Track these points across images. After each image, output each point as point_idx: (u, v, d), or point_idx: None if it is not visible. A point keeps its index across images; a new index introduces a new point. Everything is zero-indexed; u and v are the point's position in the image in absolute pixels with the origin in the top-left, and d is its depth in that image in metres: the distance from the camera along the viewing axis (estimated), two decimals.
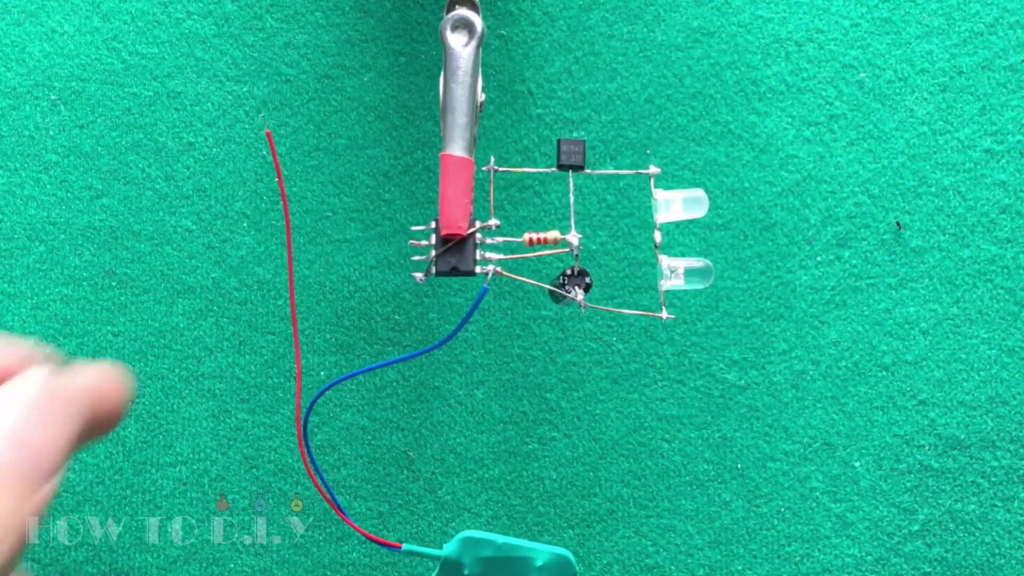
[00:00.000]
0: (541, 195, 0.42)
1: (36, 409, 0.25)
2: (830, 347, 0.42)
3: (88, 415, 0.27)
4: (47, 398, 0.26)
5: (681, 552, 0.41)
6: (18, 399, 0.25)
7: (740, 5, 0.43)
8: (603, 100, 0.42)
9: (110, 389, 0.31)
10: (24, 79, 0.42)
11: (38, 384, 0.26)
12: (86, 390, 0.27)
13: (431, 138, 0.42)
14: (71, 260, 0.42)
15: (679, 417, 0.42)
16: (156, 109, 0.42)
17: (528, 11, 0.43)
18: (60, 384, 0.26)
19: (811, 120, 0.42)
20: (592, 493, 0.41)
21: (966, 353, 0.42)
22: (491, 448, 0.42)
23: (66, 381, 0.27)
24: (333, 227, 0.42)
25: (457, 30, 0.33)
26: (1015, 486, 0.41)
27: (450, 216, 0.32)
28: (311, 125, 0.42)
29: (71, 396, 0.26)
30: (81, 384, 0.27)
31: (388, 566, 0.41)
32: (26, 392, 0.26)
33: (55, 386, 0.26)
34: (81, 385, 0.27)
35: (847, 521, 0.41)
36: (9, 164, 0.42)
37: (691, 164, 0.42)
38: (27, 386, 0.26)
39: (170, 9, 0.43)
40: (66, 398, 0.26)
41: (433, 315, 0.42)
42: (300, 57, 0.42)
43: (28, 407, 0.25)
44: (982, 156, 0.42)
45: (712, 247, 0.42)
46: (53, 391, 0.26)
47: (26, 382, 0.26)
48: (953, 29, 0.43)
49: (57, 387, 0.26)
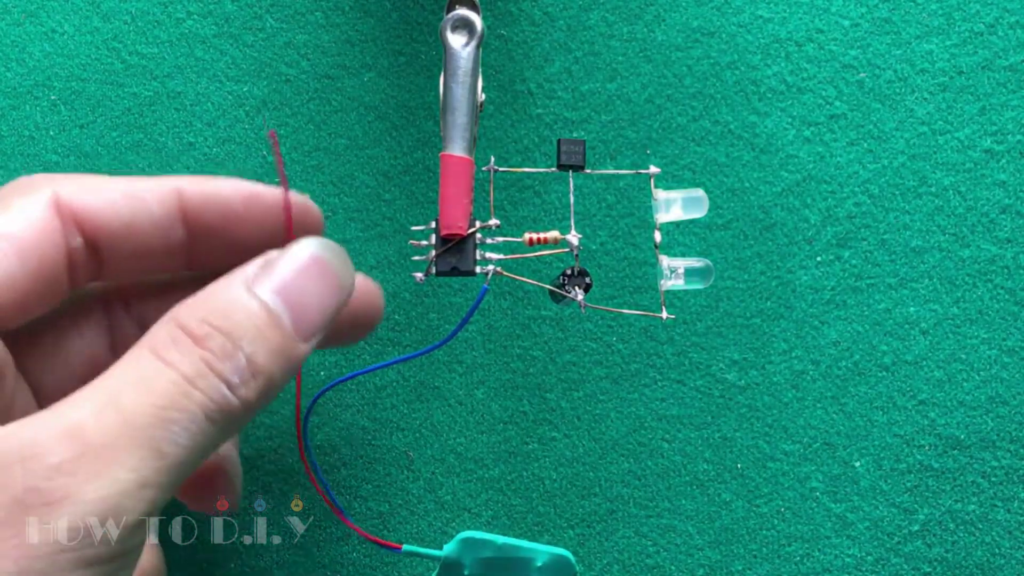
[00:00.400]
0: (541, 195, 0.42)
1: (306, 270, 0.28)
2: (830, 347, 0.42)
3: (348, 295, 0.30)
4: (322, 265, 0.28)
5: (681, 552, 0.41)
6: (295, 259, 0.28)
7: (740, 5, 0.43)
8: (603, 100, 0.42)
9: (372, 289, 0.35)
10: (24, 79, 0.42)
11: (315, 250, 0.29)
12: (351, 274, 0.30)
13: (431, 138, 0.42)
14: None
15: (679, 417, 0.42)
16: (156, 109, 0.42)
17: (528, 11, 0.43)
18: (333, 256, 0.29)
19: (811, 120, 0.42)
20: (592, 493, 0.41)
21: (966, 353, 0.42)
22: (491, 448, 0.42)
23: (338, 255, 0.29)
24: (333, 227, 0.42)
25: (457, 30, 0.33)
26: (1015, 486, 0.41)
27: (450, 216, 0.32)
28: (311, 125, 0.42)
29: (341, 270, 0.29)
30: (349, 267, 0.30)
31: (388, 566, 0.41)
32: (304, 254, 0.28)
33: (329, 257, 0.29)
34: (349, 268, 0.30)
35: (847, 521, 0.41)
36: (9, 164, 0.42)
37: (691, 164, 0.42)
38: (305, 249, 0.29)
39: (170, 9, 0.43)
40: (336, 271, 0.29)
41: (433, 315, 0.42)
42: (300, 57, 0.42)
43: (303, 267, 0.28)
44: (982, 156, 0.42)
45: (712, 247, 0.42)
46: (327, 261, 0.29)
47: (304, 246, 0.29)
48: (953, 29, 0.43)
49: (327, 258, 0.29)
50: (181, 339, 0.26)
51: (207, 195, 0.31)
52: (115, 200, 0.30)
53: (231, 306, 0.27)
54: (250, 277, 0.27)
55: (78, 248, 0.30)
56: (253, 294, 0.27)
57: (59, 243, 0.29)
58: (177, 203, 0.31)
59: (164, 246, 0.31)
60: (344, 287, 0.29)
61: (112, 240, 0.30)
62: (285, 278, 0.28)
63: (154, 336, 0.26)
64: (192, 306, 0.27)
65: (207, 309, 0.27)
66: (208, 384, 0.25)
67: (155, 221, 0.30)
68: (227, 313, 0.26)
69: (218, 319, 0.26)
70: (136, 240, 0.30)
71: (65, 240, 0.29)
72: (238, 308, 0.27)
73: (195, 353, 0.26)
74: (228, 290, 0.27)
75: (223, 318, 0.26)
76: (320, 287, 0.28)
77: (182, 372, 0.25)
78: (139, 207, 0.30)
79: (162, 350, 0.26)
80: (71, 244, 0.29)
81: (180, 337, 0.26)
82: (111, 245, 0.30)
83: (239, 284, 0.27)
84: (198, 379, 0.25)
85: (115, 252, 0.30)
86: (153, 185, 0.31)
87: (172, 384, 0.25)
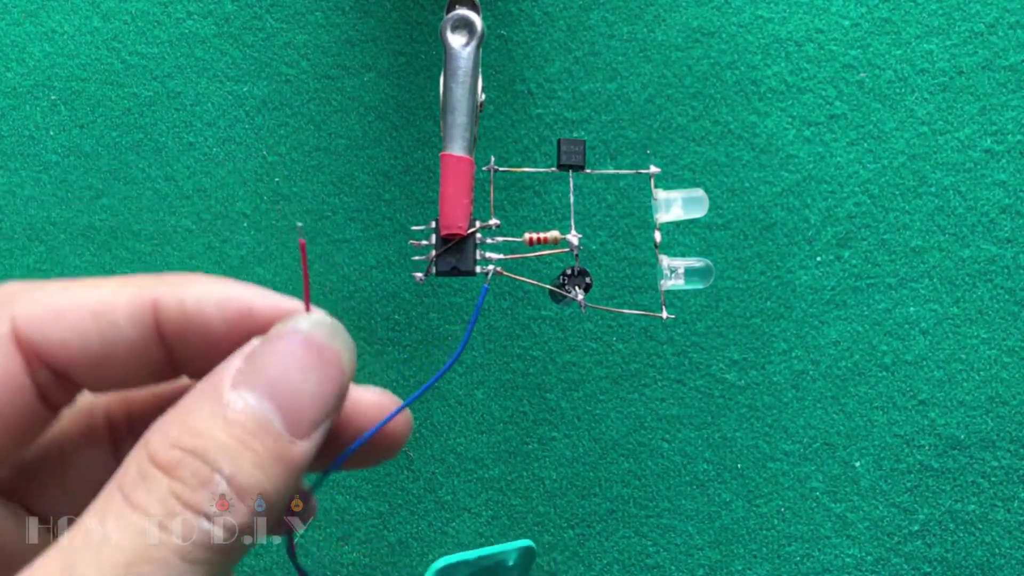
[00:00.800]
0: (541, 195, 0.42)
1: (295, 355, 0.24)
2: (830, 347, 0.42)
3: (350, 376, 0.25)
4: (313, 350, 0.25)
5: (681, 552, 0.41)
6: (282, 348, 0.25)
7: (740, 5, 0.43)
8: (603, 100, 0.42)
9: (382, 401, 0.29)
10: (24, 79, 0.42)
11: (304, 333, 0.25)
12: (351, 349, 0.26)
13: (431, 138, 0.42)
14: (71, 260, 0.42)
15: (679, 417, 0.42)
16: (156, 109, 0.42)
17: (528, 11, 0.43)
18: (328, 336, 0.25)
19: (811, 120, 0.42)
20: (592, 493, 0.41)
21: (966, 353, 0.42)
22: (491, 448, 0.42)
23: (333, 334, 0.25)
24: (333, 227, 0.42)
25: (457, 30, 0.33)
26: (1015, 486, 0.41)
27: (450, 216, 0.32)
28: (311, 125, 0.42)
29: (338, 352, 0.25)
30: (347, 342, 0.26)
31: (388, 566, 0.41)
32: (291, 341, 0.25)
33: (322, 338, 0.25)
34: (347, 343, 0.26)
35: (847, 521, 0.41)
36: (9, 164, 0.42)
37: (691, 164, 0.42)
38: (293, 335, 0.25)
39: (170, 9, 0.43)
40: (333, 354, 0.25)
41: (433, 315, 0.42)
42: (300, 57, 0.42)
43: (291, 356, 0.24)
44: (982, 156, 0.42)
45: (712, 247, 0.42)
46: (320, 345, 0.25)
47: (291, 330, 0.25)
48: (953, 29, 0.43)
49: (324, 340, 0.25)
50: (149, 473, 0.23)
51: (186, 315, 0.27)
52: (82, 325, 0.26)
53: (206, 420, 0.23)
54: (227, 379, 0.24)
55: (47, 381, 0.27)
56: (232, 398, 0.24)
57: (23, 383, 0.26)
58: (152, 321, 0.27)
59: (141, 365, 0.28)
60: (344, 367, 0.25)
61: (82, 369, 0.27)
62: (270, 371, 0.24)
63: (123, 472, 0.23)
64: (163, 427, 0.24)
65: (179, 428, 0.23)
66: (180, 523, 0.22)
67: (129, 344, 0.27)
68: (200, 430, 0.23)
69: (189, 439, 0.23)
70: (109, 366, 0.27)
71: (31, 377, 0.26)
72: (214, 421, 0.23)
73: (163, 487, 0.23)
74: (202, 400, 0.24)
75: (194, 436, 0.23)
76: (315, 373, 0.25)
77: (150, 514, 0.22)
78: (109, 331, 0.27)
79: (130, 490, 0.23)
80: (38, 379, 0.26)
81: (148, 471, 0.23)
82: (82, 374, 0.27)
83: (214, 391, 0.24)
84: (168, 519, 0.22)
85: (88, 378, 0.28)
86: (125, 301, 0.27)
87: (138, 534, 0.22)
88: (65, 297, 0.27)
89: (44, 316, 0.26)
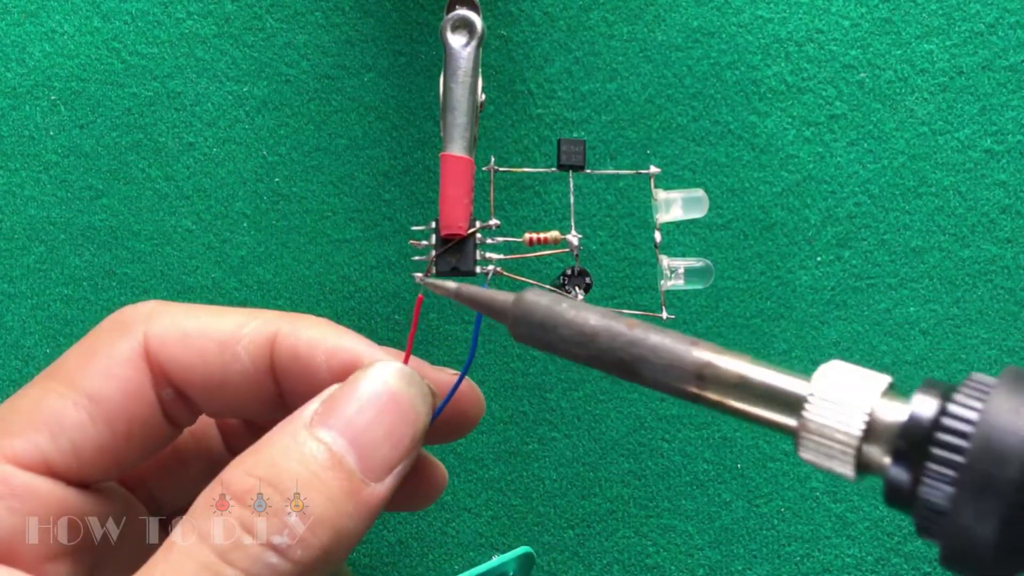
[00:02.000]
0: (541, 195, 0.42)
1: (373, 401, 0.25)
2: (830, 347, 0.42)
3: (425, 424, 0.26)
4: (389, 396, 0.25)
5: (681, 552, 0.41)
6: (359, 392, 0.25)
7: (740, 5, 0.43)
8: (603, 100, 0.42)
9: (464, 392, 0.31)
10: (24, 79, 0.42)
11: (382, 380, 0.26)
12: (427, 398, 0.26)
13: (431, 138, 0.42)
14: (71, 260, 0.42)
15: (679, 417, 0.42)
16: (156, 109, 0.42)
17: (528, 11, 0.43)
18: (404, 383, 0.26)
19: (811, 120, 0.42)
20: (592, 493, 0.41)
21: (966, 353, 0.42)
22: (491, 448, 0.42)
23: (410, 381, 0.26)
24: (333, 227, 0.42)
25: (457, 30, 0.33)
26: None
27: (450, 216, 0.32)
28: (311, 125, 0.42)
29: (413, 398, 0.26)
30: (424, 391, 0.26)
31: (388, 566, 0.41)
32: (368, 386, 0.25)
33: (398, 385, 0.26)
34: (424, 391, 0.26)
35: (847, 521, 0.41)
36: (9, 164, 0.42)
37: (691, 164, 0.42)
38: (370, 381, 0.26)
39: (170, 9, 0.43)
40: (408, 400, 0.26)
41: (433, 315, 0.42)
42: (300, 57, 0.42)
43: (367, 400, 0.25)
44: (982, 156, 0.42)
45: (712, 247, 0.42)
46: (396, 391, 0.26)
47: (370, 376, 0.26)
48: (953, 29, 0.43)
49: (400, 387, 0.26)
50: (222, 502, 0.23)
51: (298, 358, 0.28)
52: (207, 352, 0.28)
53: (282, 452, 0.24)
54: (307, 417, 0.24)
55: (171, 400, 0.28)
56: (309, 435, 0.24)
57: (149, 399, 0.27)
58: (269, 357, 0.28)
59: (255, 396, 0.29)
60: (420, 415, 0.26)
61: (201, 393, 0.28)
62: (348, 413, 0.25)
63: (198, 501, 0.23)
64: (242, 459, 0.24)
65: (256, 459, 0.24)
66: (245, 555, 0.22)
67: (246, 375, 0.28)
68: (276, 461, 0.23)
69: (264, 469, 0.23)
70: (226, 393, 0.28)
71: (156, 393, 0.27)
72: (289, 454, 0.23)
73: (233, 514, 0.23)
74: (281, 435, 0.24)
75: (269, 467, 0.23)
76: (391, 418, 0.25)
77: (214, 546, 0.22)
78: (230, 361, 0.28)
79: (199, 518, 0.23)
80: (162, 396, 0.28)
81: (221, 499, 0.23)
82: (201, 397, 0.28)
83: (293, 426, 0.24)
84: (232, 552, 0.22)
85: (206, 402, 0.29)
86: (249, 336, 0.28)
87: (201, 567, 0.22)
88: (194, 323, 0.28)
89: (174, 339, 0.27)
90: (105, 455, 0.26)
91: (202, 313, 0.28)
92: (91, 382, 0.26)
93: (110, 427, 0.26)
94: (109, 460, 0.27)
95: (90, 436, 0.26)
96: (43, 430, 0.26)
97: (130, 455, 0.27)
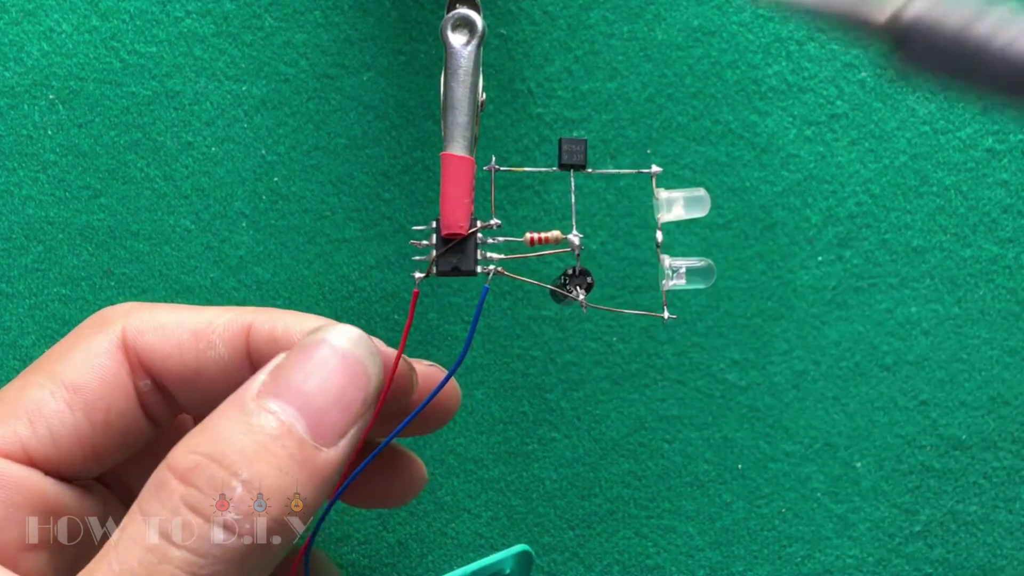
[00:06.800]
0: (541, 195, 0.42)
1: (320, 364, 0.24)
2: (831, 347, 0.42)
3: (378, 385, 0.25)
4: (337, 358, 0.25)
5: (682, 553, 0.41)
6: (305, 357, 0.25)
7: (741, 4, 0.42)
8: (603, 99, 0.42)
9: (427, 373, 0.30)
10: (22, 78, 0.42)
11: (328, 343, 0.25)
12: (377, 358, 0.26)
13: (431, 138, 0.42)
14: (69, 260, 0.42)
15: (680, 417, 0.41)
16: (154, 108, 0.42)
17: (528, 10, 0.42)
18: (351, 344, 0.25)
19: (812, 119, 0.42)
20: (592, 494, 0.41)
21: (968, 353, 0.42)
22: (491, 448, 0.41)
23: (357, 342, 0.25)
24: (332, 227, 0.42)
25: (458, 29, 0.33)
26: (1017, 487, 0.41)
27: (451, 216, 0.31)
28: (310, 124, 0.42)
29: (363, 359, 0.25)
30: (373, 351, 0.26)
31: (388, 567, 0.41)
32: (315, 350, 0.25)
33: (346, 346, 0.25)
34: (372, 351, 0.26)
35: (848, 522, 0.41)
36: (7, 164, 0.42)
37: (692, 163, 0.42)
38: (317, 345, 0.25)
39: (168, 8, 0.42)
40: (357, 361, 0.25)
41: (433, 315, 0.42)
42: (299, 56, 0.42)
43: (315, 364, 0.24)
44: (984, 155, 0.42)
45: (713, 247, 0.42)
46: (344, 352, 0.25)
47: (316, 340, 0.25)
48: None
49: (348, 348, 0.25)
50: (166, 481, 0.22)
51: (275, 341, 0.28)
52: (182, 340, 0.28)
53: (228, 427, 0.23)
54: (255, 389, 0.24)
55: (148, 389, 0.28)
56: (257, 406, 0.23)
57: (127, 389, 0.28)
58: (245, 345, 0.28)
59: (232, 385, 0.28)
60: (371, 376, 0.25)
61: (179, 382, 0.29)
62: (294, 380, 0.24)
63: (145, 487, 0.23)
64: (188, 438, 0.23)
65: (200, 437, 0.23)
66: (189, 535, 0.21)
67: (223, 363, 0.28)
68: (222, 436, 0.23)
69: (208, 445, 0.23)
70: (203, 381, 0.29)
71: (134, 383, 0.28)
72: (236, 427, 0.23)
73: (176, 497, 0.22)
74: (228, 409, 0.24)
75: (213, 443, 0.23)
76: (340, 380, 0.24)
77: (159, 529, 0.21)
78: (207, 350, 0.28)
79: (144, 503, 0.22)
80: (140, 387, 0.28)
81: (165, 479, 0.22)
82: (179, 387, 0.29)
83: (240, 398, 0.24)
84: (176, 532, 0.21)
85: (184, 392, 0.29)
86: (223, 324, 0.29)
87: (145, 551, 0.21)
88: (171, 316, 0.29)
89: (150, 329, 0.28)
90: (84, 445, 0.27)
91: (180, 309, 0.29)
92: (70, 372, 0.27)
93: (88, 416, 0.27)
94: (88, 451, 0.27)
95: (68, 425, 0.26)
96: (23, 418, 0.26)
97: (108, 447, 0.28)
